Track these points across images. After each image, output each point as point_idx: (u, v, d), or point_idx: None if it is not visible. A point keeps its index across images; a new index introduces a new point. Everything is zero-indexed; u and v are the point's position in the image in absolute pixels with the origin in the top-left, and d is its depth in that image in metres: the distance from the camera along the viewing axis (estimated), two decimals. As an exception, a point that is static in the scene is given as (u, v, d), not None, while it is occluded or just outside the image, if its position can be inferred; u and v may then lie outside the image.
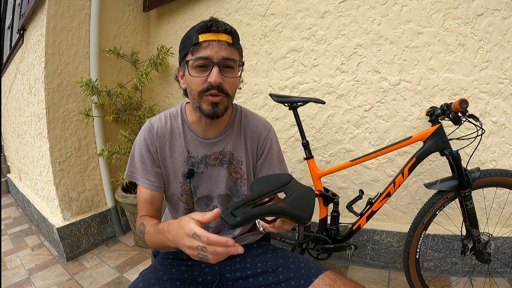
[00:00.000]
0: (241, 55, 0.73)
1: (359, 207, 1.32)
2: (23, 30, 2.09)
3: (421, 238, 1.18)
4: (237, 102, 1.93)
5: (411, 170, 1.16)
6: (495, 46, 1.30)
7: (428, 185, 1.15)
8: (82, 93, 1.78)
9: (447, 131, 1.14)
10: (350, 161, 1.23)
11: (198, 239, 0.49)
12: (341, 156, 1.65)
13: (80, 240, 1.87)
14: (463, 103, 1.02)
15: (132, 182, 1.98)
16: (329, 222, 1.33)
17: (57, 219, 1.86)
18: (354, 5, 1.50)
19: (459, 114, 1.09)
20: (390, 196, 1.20)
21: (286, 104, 1.30)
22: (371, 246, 1.57)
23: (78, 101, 1.87)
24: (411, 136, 1.15)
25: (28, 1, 1.86)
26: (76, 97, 1.85)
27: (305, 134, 1.31)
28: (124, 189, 1.97)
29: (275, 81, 1.77)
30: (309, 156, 1.30)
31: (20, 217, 2.65)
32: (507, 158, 1.37)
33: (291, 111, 1.30)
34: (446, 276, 1.43)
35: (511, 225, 1.38)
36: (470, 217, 1.11)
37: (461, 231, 1.17)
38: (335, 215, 1.29)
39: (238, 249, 0.47)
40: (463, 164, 1.10)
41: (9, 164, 3.53)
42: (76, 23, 1.82)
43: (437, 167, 1.46)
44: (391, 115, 1.51)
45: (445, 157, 1.13)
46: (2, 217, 2.67)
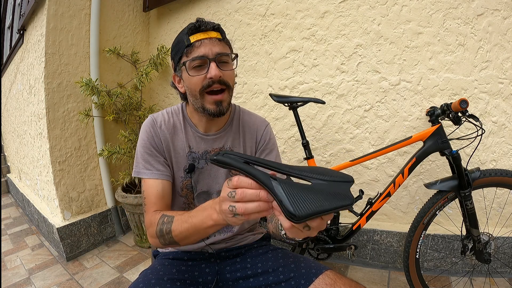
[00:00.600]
0: (231, 48, 0.76)
1: (359, 207, 1.33)
2: (23, 30, 2.09)
3: (421, 238, 1.18)
4: (237, 102, 1.94)
5: (411, 170, 1.16)
6: (495, 46, 1.30)
7: (428, 185, 1.15)
8: (82, 93, 1.78)
9: (447, 131, 1.14)
10: (350, 161, 1.23)
11: (228, 183, 0.45)
12: (341, 156, 1.65)
13: (80, 240, 1.87)
14: (463, 103, 1.02)
15: (132, 182, 1.98)
16: (329, 222, 1.33)
17: (57, 219, 1.86)
18: (354, 5, 1.50)
19: (459, 114, 1.09)
20: (390, 196, 1.20)
21: (286, 104, 1.30)
22: (371, 246, 1.57)
23: (78, 101, 1.87)
24: (411, 136, 1.15)
25: (28, 1, 1.86)
26: (76, 97, 1.85)
27: (305, 134, 1.31)
28: (124, 189, 1.97)
29: (275, 81, 1.77)
30: (309, 156, 1.30)
31: (20, 217, 2.65)
32: (507, 158, 1.37)
33: (291, 111, 1.30)
34: (446, 276, 1.43)
35: (511, 225, 1.38)
36: (470, 217, 1.12)
37: (461, 231, 1.17)
38: (335, 215, 1.30)
39: (269, 196, 0.41)
40: (463, 164, 1.10)
41: (9, 164, 3.53)
42: (76, 23, 1.82)
43: (437, 167, 1.46)
44: (391, 115, 1.51)
45: (445, 157, 1.13)
46: (2, 217, 2.67)
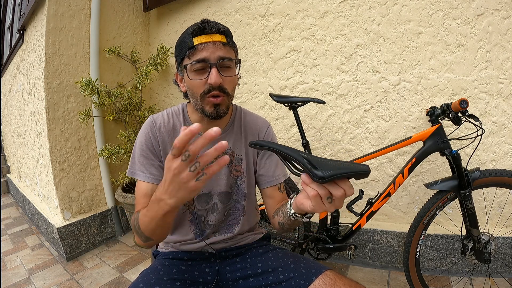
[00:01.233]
0: (236, 52, 0.74)
1: (359, 207, 1.32)
2: (23, 30, 2.09)
3: (421, 238, 1.18)
4: (237, 102, 1.94)
5: (411, 170, 1.16)
6: (495, 46, 1.30)
7: (428, 185, 1.15)
8: (82, 93, 1.78)
9: (447, 131, 1.14)
10: (350, 161, 1.23)
11: (177, 155, 0.44)
12: (341, 156, 1.65)
13: (80, 240, 1.87)
14: (463, 103, 1.02)
15: (132, 182, 1.98)
16: (329, 222, 1.33)
17: (57, 219, 1.86)
18: (354, 5, 1.50)
19: (459, 114, 1.09)
20: (390, 196, 1.20)
21: (286, 104, 1.30)
22: (371, 246, 1.57)
23: (78, 101, 1.87)
24: (411, 136, 1.15)
25: (28, 1, 1.86)
26: (76, 97, 1.85)
27: (305, 134, 1.31)
28: (124, 189, 1.97)
29: (275, 81, 1.77)
30: (309, 156, 1.30)
31: (20, 217, 2.65)
32: (507, 158, 1.37)
33: (291, 111, 1.30)
34: (446, 276, 1.43)
35: (511, 225, 1.38)
36: (470, 217, 1.12)
37: (461, 231, 1.17)
38: (335, 215, 1.30)
39: (217, 130, 0.41)
40: (463, 164, 1.10)
41: (9, 164, 3.53)
42: (76, 23, 1.82)
43: (437, 167, 1.46)
44: (391, 115, 1.51)
45: (445, 157, 1.13)
46: (2, 217, 2.67)
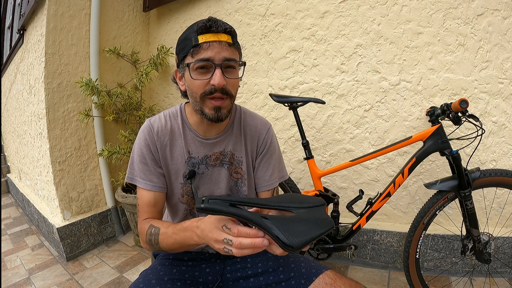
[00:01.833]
0: (240, 54, 0.72)
1: (359, 207, 1.33)
2: (23, 30, 2.09)
3: (421, 238, 1.18)
4: (237, 102, 1.92)
5: (411, 170, 1.16)
6: (495, 46, 1.30)
7: (428, 185, 1.15)
8: (82, 93, 1.78)
9: (447, 131, 1.14)
10: (350, 161, 1.23)
11: (227, 231, 0.49)
12: (341, 156, 1.65)
13: (80, 240, 1.87)
14: (463, 103, 1.02)
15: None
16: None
17: (57, 219, 1.86)
18: (354, 5, 1.50)
19: (459, 114, 1.09)
20: (390, 196, 1.20)
21: (286, 104, 1.30)
22: (371, 246, 1.57)
23: (78, 101, 1.87)
24: (411, 136, 1.15)
25: (28, 1, 1.86)
26: (76, 97, 1.85)
27: (305, 134, 1.31)
28: (124, 189, 1.97)
29: (275, 81, 1.77)
30: (309, 156, 1.30)
31: (20, 217, 2.65)
32: (507, 158, 1.37)
33: (291, 111, 1.30)
34: (446, 276, 1.43)
35: (511, 225, 1.38)
36: (470, 217, 1.12)
37: (461, 231, 1.17)
38: (335, 215, 1.29)
39: (264, 241, 0.46)
40: (463, 164, 1.10)
41: (9, 164, 3.53)
42: (76, 23, 1.82)
43: (437, 167, 1.46)
44: (391, 115, 1.51)
45: (445, 157, 1.13)
46: (2, 217, 2.67)
